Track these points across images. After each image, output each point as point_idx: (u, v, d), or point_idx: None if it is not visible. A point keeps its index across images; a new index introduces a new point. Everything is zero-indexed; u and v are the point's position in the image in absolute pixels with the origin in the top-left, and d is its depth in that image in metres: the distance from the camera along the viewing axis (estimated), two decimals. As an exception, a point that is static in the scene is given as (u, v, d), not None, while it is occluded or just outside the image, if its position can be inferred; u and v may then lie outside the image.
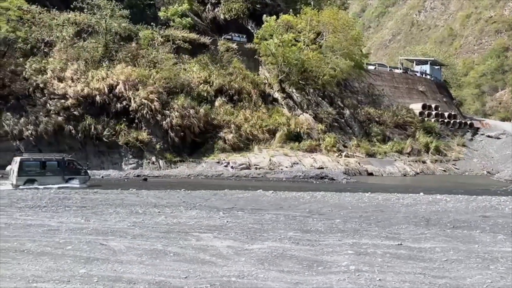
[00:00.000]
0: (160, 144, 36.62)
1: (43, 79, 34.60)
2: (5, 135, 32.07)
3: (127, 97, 36.45)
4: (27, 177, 21.83)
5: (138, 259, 6.47)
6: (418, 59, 59.94)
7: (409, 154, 42.63)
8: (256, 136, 40.54)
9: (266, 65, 46.47)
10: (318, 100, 45.02)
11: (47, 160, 23.31)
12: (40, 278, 5.52)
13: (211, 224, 9.65)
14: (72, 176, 23.09)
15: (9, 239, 7.80)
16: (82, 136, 33.98)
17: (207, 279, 5.52)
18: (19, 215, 10.55)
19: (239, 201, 14.45)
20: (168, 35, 42.95)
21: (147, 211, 11.53)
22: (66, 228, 8.87)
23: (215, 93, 41.76)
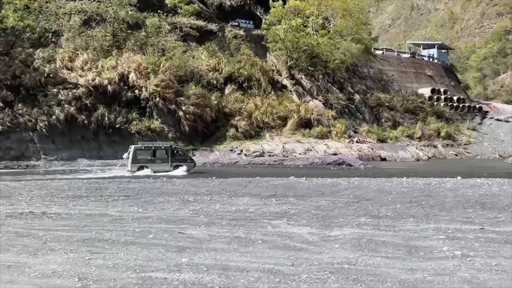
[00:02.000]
0: (172, 132, 36.41)
1: (52, 69, 34.16)
2: (18, 126, 31.74)
3: (138, 86, 36.09)
4: (139, 164, 23.68)
5: (229, 247, 6.38)
6: (425, 43, 59.62)
7: (420, 139, 42.65)
8: (267, 124, 40.38)
9: (274, 52, 46.04)
10: (327, 86, 44.79)
11: (157, 149, 24.85)
12: (146, 267, 5.42)
13: (272, 211, 9.58)
14: (179, 163, 24.26)
15: (81, 228, 7.69)
16: (95, 126, 33.71)
17: (315, 266, 5.43)
18: (72, 205, 10.43)
19: (277, 188, 14.37)
20: (175, 22, 42.44)
21: (198, 199, 11.44)
22: (130, 218, 8.75)
23: (225, 80, 41.47)
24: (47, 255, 6.05)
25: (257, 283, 4.85)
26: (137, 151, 24.26)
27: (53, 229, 7.71)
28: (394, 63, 51.25)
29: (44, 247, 6.42)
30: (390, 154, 37.76)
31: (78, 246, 6.49)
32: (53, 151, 32.50)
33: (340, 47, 42.54)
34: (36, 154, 32.20)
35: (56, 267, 5.47)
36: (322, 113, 42.60)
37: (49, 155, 32.22)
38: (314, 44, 42.36)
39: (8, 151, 31.55)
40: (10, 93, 32.32)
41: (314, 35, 43.23)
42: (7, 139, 31.53)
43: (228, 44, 44.39)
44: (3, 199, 11.56)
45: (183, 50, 39.91)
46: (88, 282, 4.95)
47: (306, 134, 39.46)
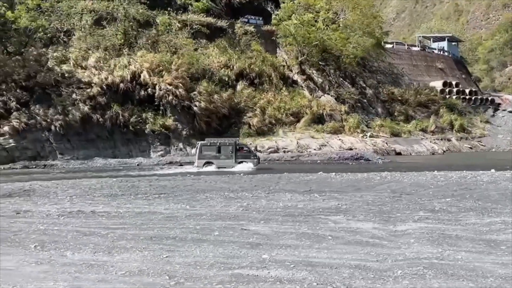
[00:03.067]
0: (186, 130, 36.37)
1: (66, 69, 34.14)
2: (34, 126, 31.77)
3: (151, 84, 36.02)
4: (205, 160, 24.14)
5: (302, 243, 6.32)
6: (435, 35, 59.25)
7: (433, 132, 42.46)
8: (279, 120, 40.29)
9: (285, 47, 45.86)
10: (339, 80, 44.60)
11: (222, 145, 25.35)
12: (229, 264, 5.36)
13: (322, 206, 9.50)
14: (243, 159, 24.54)
15: (140, 226, 7.64)
16: (110, 125, 33.69)
17: (402, 261, 5.36)
18: (116, 204, 10.38)
19: (310, 184, 14.30)
20: (186, 19, 42.28)
21: (239, 196, 11.38)
22: (183, 215, 8.69)
23: (236, 77, 41.35)
24: (122, 253, 5.99)
25: (352, 279, 4.78)
26: (203, 147, 24.79)
27: (112, 227, 7.66)
28: (405, 56, 51.00)
29: (116, 246, 6.37)
30: (405, 148, 37.60)
31: (149, 244, 6.43)
32: (69, 150, 32.54)
33: (352, 41, 42.28)
34: (52, 154, 32.24)
35: (139, 265, 5.41)
36: (334, 108, 42.43)
37: (65, 155, 32.27)
38: (325, 39, 42.12)
39: (25, 151, 31.62)
40: (26, 93, 32.33)
41: (325, 29, 42.97)
42: (24, 139, 31.59)
43: (238, 40, 44.22)
44: (44, 199, 11.54)
45: (194, 48, 39.77)
46: (180, 280, 4.89)
47: (319, 130, 39.33)
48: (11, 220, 8.58)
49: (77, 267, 5.37)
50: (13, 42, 34.40)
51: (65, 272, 5.20)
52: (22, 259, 5.76)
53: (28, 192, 13.43)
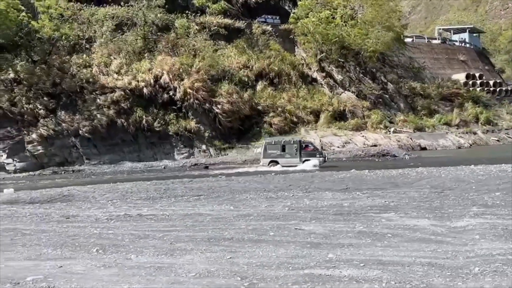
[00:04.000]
0: (209, 132, 36.57)
1: (89, 75, 34.73)
2: (61, 133, 32.41)
3: (172, 87, 36.37)
4: (270, 158, 24.22)
5: (362, 242, 6.26)
6: (455, 27, 58.12)
7: (458, 126, 41.70)
8: (301, 118, 40.18)
9: (303, 45, 45.68)
10: (359, 76, 44.20)
11: (286, 143, 25.26)
12: (296, 264, 5.34)
13: (369, 204, 9.41)
14: (308, 158, 24.24)
15: (192, 228, 7.67)
16: (134, 129, 34.14)
17: (475, 258, 5.24)
18: (159, 206, 10.47)
19: (345, 182, 14.17)
20: (203, 22, 42.52)
21: (280, 195, 11.37)
22: (231, 216, 8.70)
23: (256, 77, 41.41)
24: (185, 255, 6.02)
25: (429, 277, 4.69)
26: (268, 146, 24.90)
27: (165, 230, 7.71)
28: (425, 50, 50.22)
29: (175, 248, 6.41)
30: (430, 143, 37.01)
31: (208, 246, 6.45)
32: (95, 155, 33.10)
33: (371, 37, 41.83)
34: (79, 159, 32.85)
35: (206, 266, 5.43)
36: (356, 104, 42.09)
37: (92, 160, 32.85)
38: (344, 35, 41.77)
39: (53, 158, 32.31)
40: (52, 100, 33.01)
41: (343, 26, 42.62)
42: (51, 146, 32.28)
43: (257, 40, 44.25)
44: (87, 204, 11.72)
45: (214, 49, 39.98)
46: (252, 280, 4.87)
47: (341, 127, 39.06)
48: (63, 225, 8.73)
49: (146, 270, 5.41)
50: (37, 51, 35.13)
51: (136, 275, 5.24)
52: (89, 263, 5.83)
53: (68, 197, 13.68)
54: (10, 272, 5.58)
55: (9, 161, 31.46)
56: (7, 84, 32.44)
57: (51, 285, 5.04)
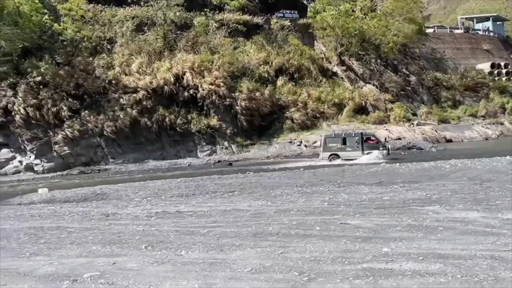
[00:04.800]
0: (230, 129, 36.62)
1: (112, 75, 35.14)
2: (86, 133, 32.93)
3: (193, 85, 36.52)
4: (330, 152, 23.84)
5: (414, 235, 6.13)
6: (478, 16, 56.61)
7: (484, 117, 40.66)
8: (322, 113, 39.87)
9: (322, 39, 45.25)
10: (381, 69, 43.54)
11: (347, 136, 24.90)
12: (351, 259, 5.27)
13: (411, 197, 9.24)
14: (370, 150, 23.78)
15: (235, 224, 7.64)
16: (157, 127, 34.44)
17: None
18: (195, 203, 10.51)
19: (378, 175, 13.97)
20: (222, 19, 42.55)
21: (315, 190, 11.27)
22: (271, 211, 8.65)
23: (276, 73, 41.25)
24: (235, 251, 6.00)
25: (495, 270, 4.54)
26: (328, 139, 24.55)
27: (207, 226, 7.71)
28: (448, 40, 49.09)
29: (223, 243, 6.39)
30: (456, 134, 36.23)
31: (256, 241, 6.41)
32: (119, 154, 33.53)
33: (392, 29, 41.12)
34: (104, 159, 33.33)
35: (260, 262, 5.39)
36: (378, 97, 41.50)
37: (117, 159, 33.28)
38: (364, 28, 41.18)
39: (79, 157, 32.87)
40: (76, 101, 33.53)
41: (363, 18, 42.02)
42: (77, 146, 32.83)
43: (275, 36, 44.05)
44: (122, 201, 11.86)
45: (233, 46, 39.99)
46: (311, 275, 4.81)
47: (363, 121, 38.61)
48: (105, 222, 8.84)
49: (199, 266, 5.40)
50: (60, 53, 35.73)
51: (190, 270, 5.24)
52: (141, 260, 5.87)
53: (102, 196, 13.88)
54: (66, 269, 5.65)
55: (37, 161, 32.17)
56: (33, 87, 33.10)
57: (109, 281, 5.08)
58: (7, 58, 32.39)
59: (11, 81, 32.76)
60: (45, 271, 5.65)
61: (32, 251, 6.76)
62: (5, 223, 9.56)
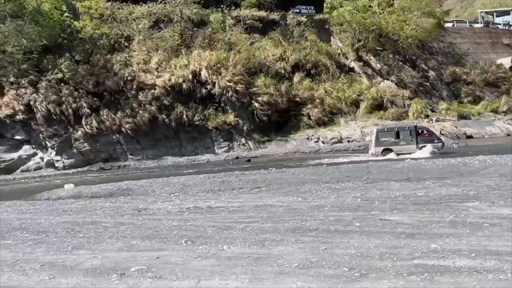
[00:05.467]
0: (247, 125, 36.62)
1: (130, 73, 35.41)
2: (105, 130, 33.29)
3: (210, 82, 36.60)
4: (383, 146, 23.28)
5: (460, 231, 6.01)
6: (498, 10, 55.42)
7: (505, 113, 39.86)
8: (339, 109, 39.58)
9: (339, 35, 44.86)
10: (399, 65, 43.00)
11: (400, 130, 24.27)
12: (397, 254, 5.19)
13: (447, 193, 9.07)
14: (424, 143, 23.14)
15: (270, 219, 7.60)
16: (175, 124, 34.65)
17: None
18: (225, 198, 10.51)
19: (405, 172, 13.79)
20: (238, 15, 42.50)
21: (343, 186, 11.17)
22: (304, 207, 8.59)
23: (292, 69, 41.07)
24: (276, 246, 5.96)
25: (555, 266, 4.40)
26: (380, 133, 23.92)
27: (243, 221, 7.69)
28: (467, 34, 48.18)
29: (263, 239, 6.36)
30: (477, 130, 35.61)
31: (296, 236, 6.36)
32: (138, 151, 33.86)
33: (410, 23, 40.52)
34: (123, 155, 33.69)
35: (306, 257, 5.34)
36: (396, 93, 41.02)
37: (135, 155, 33.61)
38: (382, 23, 40.68)
39: (99, 154, 33.29)
40: (96, 98, 33.92)
41: (381, 13, 41.51)
42: (97, 143, 33.26)
43: (292, 32, 43.82)
44: (150, 197, 11.93)
45: (250, 43, 39.93)
46: (361, 271, 4.74)
47: (382, 117, 38.21)
48: (138, 217, 8.89)
49: (245, 260, 5.38)
50: (79, 51, 36.13)
51: (237, 265, 5.22)
52: (183, 254, 5.87)
53: (127, 191, 13.99)
54: (111, 263, 5.69)
55: (57, 158, 32.71)
56: (53, 84, 33.57)
57: (156, 275, 5.09)
58: (28, 56, 32.89)
59: (32, 78, 33.29)
60: (91, 264, 5.70)
61: (73, 245, 6.83)
62: (40, 217, 9.70)
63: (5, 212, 11.05)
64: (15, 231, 8.25)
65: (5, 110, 32.19)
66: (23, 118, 32.51)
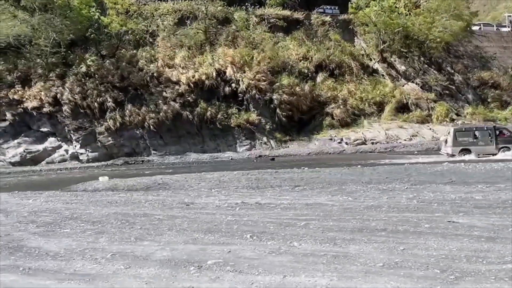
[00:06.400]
0: (269, 124, 36.42)
1: (155, 68, 35.49)
2: (129, 124, 33.44)
3: (234, 80, 36.49)
4: (461, 146, 22.66)
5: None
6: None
7: (533, 118, 38.89)
8: (362, 110, 39.10)
9: (363, 35, 44.35)
10: (424, 67, 42.31)
11: (478, 130, 23.68)
12: (483, 258, 5.01)
13: (505, 198, 8.79)
14: (506, 145, 22.48)
15: (329, 217, 7.44)
16: (198, 121, 34.61)
17: None
18: (270, 195, 10.38)
19: (445, 175, 13.46)
20: (262, 14, 42.33)
21: (390, 187, 10.95)
22: (361, 207, 8.40)
23: (315, 69, 40.70)
24: (349, 244, 5.80)
25: None
26: (457, 133, 23.21)
27: (301, 219, 7.54)
28: (494, 38, 47.18)
29: (332, 237, 6.20)
30: (504, 136, 34.73)
31: (366, 236, 6.20)
32: (161, 146, 33.92)
33: (438, 25, 39.84)
34: (146, 150, 33.80)
35: (387, 257, 5.17)
36: (420, 96, 40.36)
37: (158, 151, 33.68)
38: (408, 25, 40.09)
39: (122, 148, 33.46)
40: (121, 93, 34.10)
41: (407, 15, 40.91)
42: (120, 137, 33.42)
43: (315, 31, 43.47)
44: (190, 191, 11.86)
45: (274, 41, 39.75)
46: (455, 273, 4.54)
47: (406, 119, 37.64)
48: (189, 211, 8.80)
49: (323, 258, 5.24)
50: (104, 46, 36.38)
51: (317, 262, 5.08)
52: (254, 249, 5.75)
53: (164, 186, 13.96)
54: (182, 255, 5.61)
55: (82, 151, 32.98)
56: (79, 78, 33.88)
57: (236, 269, 4.98)
58: (56, 50, 33.25)
59: (59, 71, 33.65)
60: (161, 255, 5.62)
61: (134, 236, 6.77)
62: (87, 208, 9.71)
63: (49, 201, 11.10)
64: (69, 221, 8.25)
65: (33, 102, 32.59)
66: (50, 110, 32.85)
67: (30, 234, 7.10)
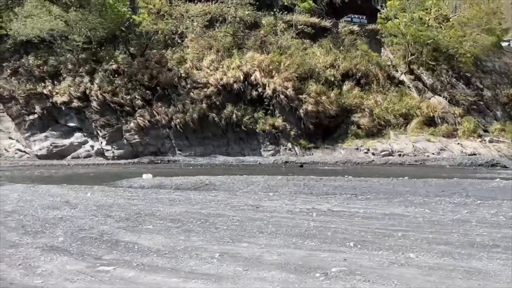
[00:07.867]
0: (294, 130, 36.13)
1: (184, 69, 35.47)
2: (156, 123, 33.38)
3: (262, 84, 36.32)
4: None
5: None
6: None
7: None
8: (388, 121, 38.62)
9: (390, 46, 43.98)
10: (452, 81, 41.76)
11: None
12: None
13: None
14: None
15: (417, 230, 7.10)
16: (224, 123, 34.43)
17: None
18: (337, 203, 10.06)
19: (506, 191, 13.00)
20: (290, 20, 42.24)
21: (460, 202, 10.55)
22: (445, 220, 8.05)
23: (342, 77, 40.40)
24: (468, 259, 5.47)
25: None
26: None
27: (391, 229, 7.23)
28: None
29: (446, 250, 5.88)
30: (535, 155, 34.04)
31: (479, 251, 5.85)
32: (186, 147, 33.79)
33: (468, 39, 39.36)
34: (171, 150, 33.69)
35: None
36: (447, 110, 39.79)
37: (183, 151, 33.55)
38: (438, 37, 39.67)
39: (148, 147, 33.40)
40: (149, 92, 34.10)
41: (437, 27, 40.51)
42: (147, 136, 33.37)
43: (342, 40, 43.24)
44: (249, 194, 11.58)
45: (303, 48, 39.58)
46: None
47: (433, 133, 37.08)
48: (263, 214, 8.53)
49: (452, 273, 4.91)
50: (134, 45, 36.50)
51: (450, 277, 4.76)
52: (368, 258, 5.45)
53: (211, 186, 13.71)
54: (296, 260, 5.32)
55: (108, 147, 32.97)
56: (108, 75, 33.97)
57: (365, 279, 4.68)
58: (87, 46, 33.40)
59: (89, 68, 33.78)
60: (272, 259, 5.38)
61: (227, 236, 6.51)
62: (152, 205, 9.48)
63: (105, 196, 10.91)
64: (144, 217, 8.02)
65: (62, 97, 32.73)
66: (78, 106, 32.96)
67: (115, 228, 6.88)
